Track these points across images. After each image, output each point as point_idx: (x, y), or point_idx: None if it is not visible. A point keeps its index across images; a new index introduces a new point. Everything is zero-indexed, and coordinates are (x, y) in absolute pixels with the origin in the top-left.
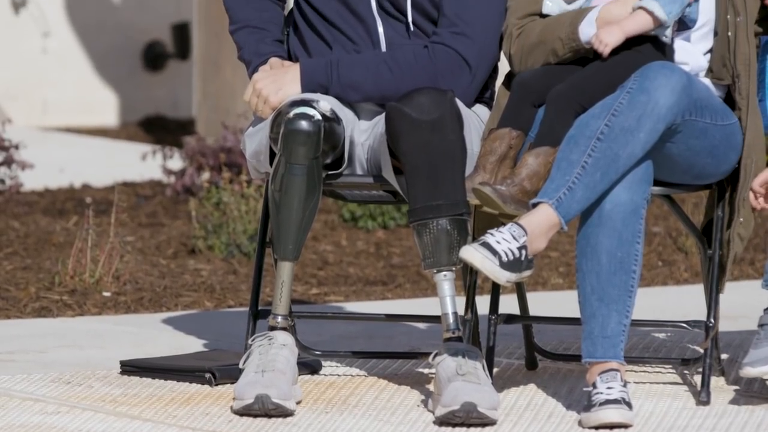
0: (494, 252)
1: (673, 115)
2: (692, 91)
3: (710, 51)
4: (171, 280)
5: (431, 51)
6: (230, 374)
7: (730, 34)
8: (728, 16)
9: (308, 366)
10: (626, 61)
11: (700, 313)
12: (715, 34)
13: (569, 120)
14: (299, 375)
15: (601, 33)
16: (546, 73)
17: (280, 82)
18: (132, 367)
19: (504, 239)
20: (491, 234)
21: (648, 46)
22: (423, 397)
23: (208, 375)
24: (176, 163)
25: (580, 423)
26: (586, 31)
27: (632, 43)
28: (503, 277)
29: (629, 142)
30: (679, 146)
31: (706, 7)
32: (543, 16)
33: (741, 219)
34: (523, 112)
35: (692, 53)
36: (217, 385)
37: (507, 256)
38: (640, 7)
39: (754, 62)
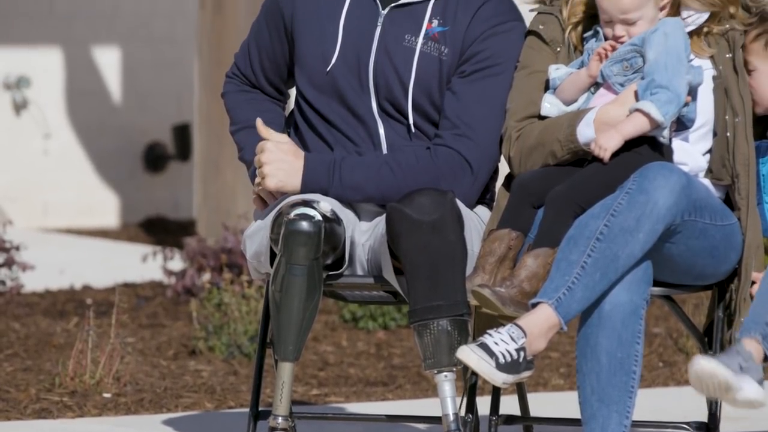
0: (491, 353)
1: (672, 216)
2: (691, 192)
3: (709, 151)
4: (171, 382)
5: (433, 153)
6: None
7: (729, 134)
8: (726, 117)
9: None
10: (625, 162)
11: (701, 415)
12: (714, 134)
13: (568, 221)
14: None
15: (600, 138)
16: (545, 174)
17: (287, 171)
18: None
19: (502, 340)
20: (489, 335)
21: (646, 147)
22: None
23: None
24: (177, 264)
25: None
26: (584, 132)
27: (630, 143)
28: (500, 379)
29: (629, 242)
30: (679, 247)
31: (705, 107)
32: (542, 117)
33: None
34: (523, 213)
35: (691, 153)
36: None
37: (504, 357)
38: (637, 109)
39: (753, 162)
